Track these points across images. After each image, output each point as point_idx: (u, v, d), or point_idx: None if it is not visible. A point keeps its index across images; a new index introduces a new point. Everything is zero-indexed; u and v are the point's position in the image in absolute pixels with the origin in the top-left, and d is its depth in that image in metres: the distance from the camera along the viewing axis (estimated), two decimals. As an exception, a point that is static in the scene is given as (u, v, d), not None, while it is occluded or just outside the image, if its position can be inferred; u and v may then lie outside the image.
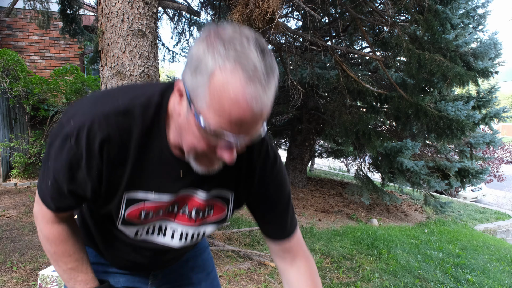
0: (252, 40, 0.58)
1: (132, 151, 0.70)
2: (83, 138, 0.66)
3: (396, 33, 4.66)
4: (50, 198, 0.76)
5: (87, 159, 0.68)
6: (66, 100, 6.40)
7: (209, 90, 0.56)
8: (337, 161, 13.95)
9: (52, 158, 0.70)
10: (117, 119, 0.67)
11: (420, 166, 6.35)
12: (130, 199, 0.74)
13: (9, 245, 3.18)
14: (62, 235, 0.81)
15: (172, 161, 0.73)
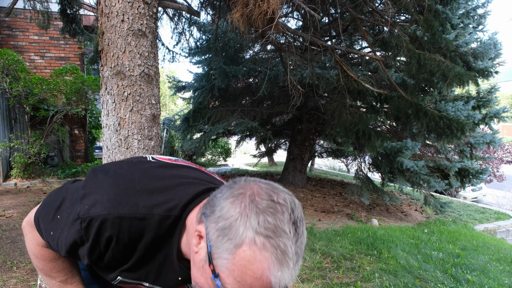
0: (287, 212, 0.57)
1: (138, 251, 0.72)
2: (93, 229, 0.68)
3: (396, 33, 4.66)
4: (51, 243, 0.77)
5: (91, 246, 0.71)
6: (66, 100, 6.40)
7: (233, 258, 0.56)
8: (337, 161, 13.95)
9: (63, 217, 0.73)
10: (131, 223, 0.69)
11: (420, 166, 6.35)
12: (124, 281, 0.78)
13: (9, 245, 3.18)
14: (52, 256, 0.81)
15: (175, 267, 0.76)
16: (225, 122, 6.82)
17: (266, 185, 0.62)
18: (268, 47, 7.92)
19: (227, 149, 14.77)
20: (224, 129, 6.85)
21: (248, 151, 19.16)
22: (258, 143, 10.28)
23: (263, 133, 7.97)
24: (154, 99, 2.51)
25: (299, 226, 0.58)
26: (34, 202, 4.59)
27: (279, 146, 10.97)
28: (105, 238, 0.69)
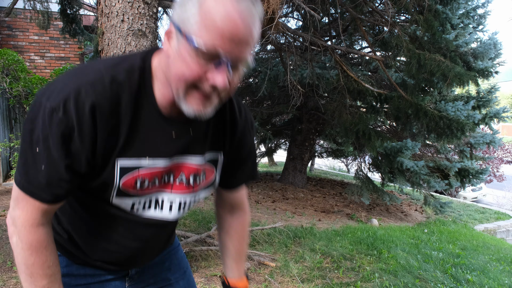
0: None
1: (123, 117, 0.69)
2: (71, 108, 0.63)
3: (396, 33, 4.66)
4: (45, 186, 0.68)
5: (79, 129, 0.65)
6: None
7: (200, 12, 0.59)
8: (337, 161, 13.95)
9: (39, 140, 0.65)
10: (103, 86, 0.66)
11: (420, 166, 6.35)
12: (123, 167, 0.72)
13: (9, 245, 3.18)
14: (46, 241, 0.73)
15: (162, 122, 0.73)
16: (225, 122, 6.81)
17: None
18: (268, 47, 7.92)
19: (227, 149, 14.74)
20: (224, 129, 6.84)
21: (248, 151, 19.10)
22: (258, 143, 10.28)
23: (263, 133, 7.97)
24: (154, 99, 2.50)
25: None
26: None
27: (279, 146, 10.97)
28: (88, 111, 0.64)
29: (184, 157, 0.78)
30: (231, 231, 1.00)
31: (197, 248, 3.18)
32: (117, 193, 0.74)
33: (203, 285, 2.71)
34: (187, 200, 0.83)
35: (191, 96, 0.66)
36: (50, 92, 0.65)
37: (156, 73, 0.71)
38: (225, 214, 1.00)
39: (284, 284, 2.86)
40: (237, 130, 0.85)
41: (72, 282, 0.87)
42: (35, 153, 0.66)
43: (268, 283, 2.86)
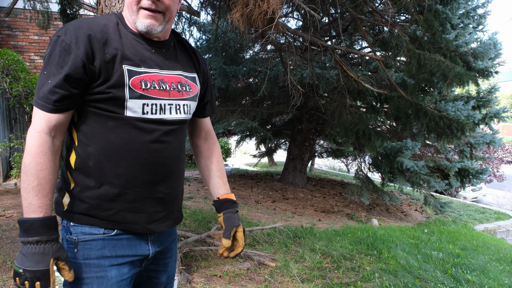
0: None
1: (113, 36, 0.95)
2: (71, 32, 0.90)
3: (396, 33, 4.66)
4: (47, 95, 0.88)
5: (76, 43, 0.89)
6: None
7: None
8: (337, 161, 13.95)
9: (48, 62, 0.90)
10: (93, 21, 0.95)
11: (420, 166, 6.35)
12: (129, 70, 0.94)
13: (9, 245, 3.18)
14: (45, 147, 0.89)
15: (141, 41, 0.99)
16: (225, 122, 6.82)
17: None
18: (268, 47, 7.92)
19: (227, 149, 14.76)
20: (224, 129, 6.85)
21: (248, 151, 19.15)
22: (258, 143, 10.28)
23: (263, 133, 7.97)
24: (154, 99, 2.50)
25: None
26: (34, 202, 4.59)
27: (279, 146, 10.96)
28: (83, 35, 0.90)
29: (168, 70, 1.02)
30: (210, 154, 1.22)
31: (197, 248, 3.18)
32: (129, 92, 0.93)
33: (203, 285, 2.71)
34: (180, 104, 1.05)
35: (140, 13, 0.96)
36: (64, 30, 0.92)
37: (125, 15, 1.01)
38: (200, 143, 1.24)
39: (284, 284, 2.86)
40: (198, 57, 1.15)
41: (106, 263, 0.98)
42: (44, 74, 0.89)
43: (268, 283, 2.86)
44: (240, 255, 3.40)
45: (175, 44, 1.10)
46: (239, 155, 19.47)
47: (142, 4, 0.94)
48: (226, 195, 1.19)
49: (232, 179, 8.73)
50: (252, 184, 8.12)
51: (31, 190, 0.86)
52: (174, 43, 1.10)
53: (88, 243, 0.96)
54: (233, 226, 1.14)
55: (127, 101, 0.93)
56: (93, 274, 0.95)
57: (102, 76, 0.91)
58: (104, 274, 0.96)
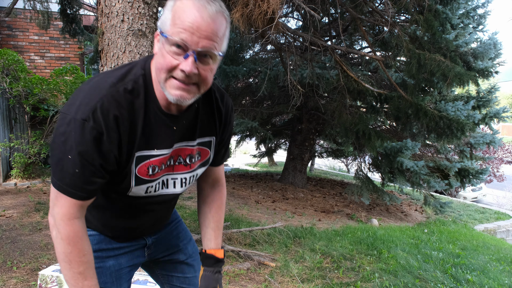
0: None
1: (138, 119, 0.86)
2: (99, 117, 0.79)
3: (396, 33, 4.66)
4: (80, 185, 0.83)
5: (107, 133, 0.81)
6: (66, 100, 6.40)
7: (171, 14, 0.78)
8: (337, 161, 13.95)
9: (73, 147, 0.80)
10: (120, 97, 0.83)
11: (420, 166, 6.35)
12: (139, 157, 0.89)
13: (9, 245, 3.18)
14: (81, 232, 0.87)
15: (165, 118, 0.90)
16: (225, 122, 6.81)
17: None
18: (268, 47, 7.92)
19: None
20: (224, 129, 6.84)
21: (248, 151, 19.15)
22: (258, 143, 10.28)
23: (263, 133, 7.97)
24: (154, 99, 2.50)
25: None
26: (34, 202, 4.59)
27: (279, 146, 10.96)
28: (112, 119, 0.81)
29: (180, 143, 0.96)
30: (211, 202, 1.17)
31: (198, 247, 3.18)
32: (136, 181, 0.91)
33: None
34: (187, 176, 1.02)
35: (170, 83, 0.82)
36: (77, 107, 0.80)
37: (153, 75, 0.88)
38: (207, 188, 1.18)
39: (284, 284, 2.86)
40: (223, 116, 1.04)
41: (103, 255, 1.06)
42: (68, 160, 0.81)
43: (268, 283, 2.86)
44: (240, 255, 3.41)
45: (199, 106, 0.98)
46: (239, 155, 19.47)
47: (174, 74, 0.80)
48: (214, 251, 1.13)
49: (232, 179, 8.73)
50: (252, 184, 8.12)
51: (79, 276, 0.87)
52: (199, 105, 0.98)
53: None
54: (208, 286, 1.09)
55: (131, 188, 0.93)
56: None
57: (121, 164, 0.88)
58: (102, 265, 1.04)
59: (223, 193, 1.19)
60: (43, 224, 3.83)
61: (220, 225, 1.17)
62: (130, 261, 1.11)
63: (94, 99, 0.80)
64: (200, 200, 1.19)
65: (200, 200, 1.19)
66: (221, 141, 1.08)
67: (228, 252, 3.32)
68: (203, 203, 1.18)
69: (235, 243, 3.64)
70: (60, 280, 1.67)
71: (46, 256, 3.01)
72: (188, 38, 0.76)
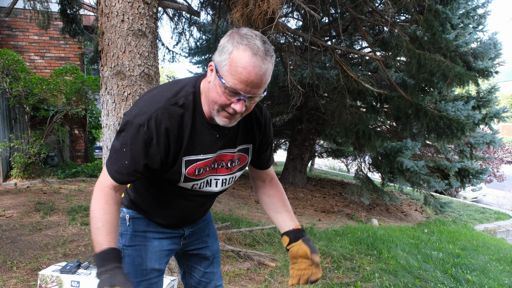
0: (258, 35, 0.94)
1: (185, 129, 1.03)
2: (152, 126, 0.97)
3: (396, 33, 4.66)
4: (125, 174, 1.03)
5: (157, 140, 0.99)
6: (66, 100, 6.40)
7: (229, 62, 0.91)
8: (337, 161, 13.95)
9: (128, 144, 0.99)
10: (172, 109, 1.01)
11: (420, 166, 6.35)
12: (187, 161, 1.07)
13: (9, 245, 3.18)
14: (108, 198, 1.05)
15: (210, 129, 1.06)
16: (225, 122, 6.81)
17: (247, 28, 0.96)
18: (268, 47, 7.91)
19: (227, 149, 14.75)
20: (224, 129, 6.84)
21: (248, 151, 19.10)
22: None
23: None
24: (154, 99, 2.50)
25: (266, 43, 0.92)
26: (34, 202, 4.59)
27: (279, 146, 10.97)
28: (163, 129, 0.98)
29: (223, 150, 1.13)
30: (274, 193, 1.32)
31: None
32: (184, 179, 1.09)
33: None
34: (227, 178, 1.20)
35: (221, 114, 1.00)
36: (137, 113, 1.00)
37: (203, 94, 1.05)
38: (265, 185, 1.34)
39: (284, 284, 2.86)
40: (262, 126, 1.20)
41: (150, 236, 1.26)
42: (123, 152, 1.01)
43: (268, 283, 2.86)
44: (240, 255, 3.41)
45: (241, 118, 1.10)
46: (239, 155, 19.44)
47: (226, 109, 0.98)
48: (298, 226, 1.27)
49: (232, 179, 8.73)
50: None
51: (96, 231, 1.03)
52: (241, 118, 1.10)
53: (137, 220, 1.24)
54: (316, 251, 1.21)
55: (180, 183, 1.11)
56: (140, 242, 1.23)
57: (167, 165, 1.05)
58: (149, 244, 1.24)
59: (280, 185, 1.37)
60: (43, 224, 3.83)
61: (291, 210, 1.32)
62: (169, 245, 1.30)
63: (151, 109, 0.99)
64: (263, 195, 1.34)
65: (263, 195, 1.34)
66: (262, 148, 1.25)
67: (228, 252, 3.32)
68: (267, 196, 1.33)
69: (235, 243, 3.64)
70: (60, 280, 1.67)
71: (46, 256, 3.01)
72: (242, 89, 0.92)
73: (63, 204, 4.65)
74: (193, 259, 1.43)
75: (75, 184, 6.03)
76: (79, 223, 3.95)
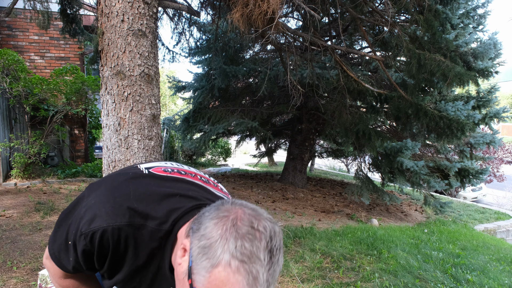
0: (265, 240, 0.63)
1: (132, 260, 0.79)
2: (96, 241, 0.76)
3: (396, 33, 4.66)
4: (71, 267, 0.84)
5: (98, 255, 0.78)
6: (66, 100, 6.40)
7: (209, 277, 0.60)
8: (337, 161, 13.96)
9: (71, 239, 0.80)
10: (127, 232, 0.76)
11: (420, 166, 6.35)
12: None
13: (9, 245, 3.18)
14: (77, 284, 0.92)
15: (167, 278, 0.81)
16: (225, 122, 6.82)
17: (250, 210, 0.67)
18: (268, 47, 7.92)
19: (227, 149, 14.77)
20: (224, 129, 6.86)
21: (248, 151, 19.15)
22: (258, 143, 10.29)
23: (263, 133, 7.97)
24: (154, 99, 2.51)
25: (274, 254, 0.62)
26: (34, 202, 4.59)
27: (279, 146, 10.97)
28: (107, 247, 0.76)
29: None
30: None
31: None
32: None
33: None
34: None
35: None
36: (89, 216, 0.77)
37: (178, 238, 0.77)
38: None
39: (284, 284, 2.86)
40: None
41: None
42: (68, 245, 0.82)
43: (268, 283, 2.86)
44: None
45: None
46: (239, 155, 19.48)
47: None
48: None
49: (232, 179, 8.73)
50: (252, 184, 8.12)
51: None
52: None
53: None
54: None
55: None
56: None
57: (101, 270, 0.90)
58: None
59: None
60: (43, 224, 3.83)
61: None
62: None
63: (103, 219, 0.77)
64: None
65: None
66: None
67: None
68: None
69: (235, 243, 3.64)
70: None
71: (46, 256, 3.01)
72: None
73: (63, 204, 4.65)
74: None
75: (75, 184, 6.03)
76: (79, 223, 3.94)
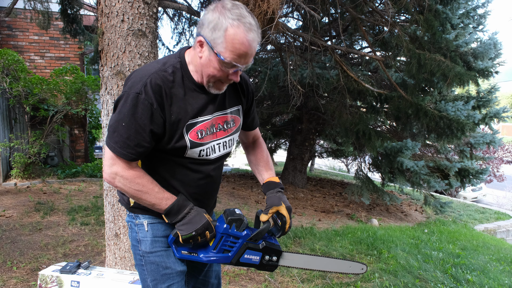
0: (243, 7, 1.04)
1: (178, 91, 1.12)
2: (149, 91, 1.05)
3: (396, 33, 4.66)
4: (132, 147, 1.07)
5: (157, 103, 1.06)
6: (66, 100, 6.40)
7: (225, 39, 1.01)
8: (337, 161, 13.95)
9: (128, 115, 1.05)
10: (163, 74, 1.09)
11: (420, 166, 6.35)
12: (188, 125, 1.14)
13: (9, 245, 3.18)
14: (141, 172, 1.13)
15: (200, 92, 1.16)
16: (225, 122, 6.81)
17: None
18: (268, 47, 7.92)
19: (227, 149, 14.74)
20: (224, 129, 6.84)
21: (248, 151, 19.07)
22: (258, 143, 10.27)
23: (263, 133, 7.97)
24: (154, 99, 2.50)
25: (252, 15, 1.04)
26: (34, 202, 4.59)
27: (279, 146, 10.96)
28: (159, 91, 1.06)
29: (217, 112, 1.22)
30: (257, 152, 1.49)
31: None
32: (190, 145, 1.15)
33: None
34: (226, 140, 1.28)
35: (216, 84, 1.14)
36: (130, 85, 1.07)
37: (190, 63, 1.15)
38: (250, 147, 1.51)
39: (284, 284, 2.86)
40: (244, 88, 1.34)
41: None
42: (125, 125, 1.05)
43: (268, 283, 2.86)
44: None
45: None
46: (239, 155, 19.45)
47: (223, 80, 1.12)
48: (269, 178, 1.42)
49: (232, 179, 8.73)
50: (252, 184, 8.12)
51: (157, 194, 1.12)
52: None
53: (155, 225, 1.24)
54: (272, 205, 1.29)
55: (187, 150, 1.16)
56: (161, 248, 1.23)
57: (167, 134, 1.12)
58: (170, 247, 1.25)
59: (263, 144, 1.53)
60: (43, 224, 3.83)
61: (268, 163, 1.47)
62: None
63: (143, 78, 1.06)
64: (249, 155, 1.51)
65: (249, 155, 1.51)
66: (249, 109, 1.40)
67: (228, 252, 3.32)
68: (251, 155, 1.49)
69: (235, 243, 3.63)
70: (60, 280, 1.67)
71: (46, 256, 3.01)
72: (238, 61, 1.04)
73: (63, 204, 4.65)
74: (188, 268, 1.41)
75: (75, 184, 6.03)
76: (79, 223, 3.95)
